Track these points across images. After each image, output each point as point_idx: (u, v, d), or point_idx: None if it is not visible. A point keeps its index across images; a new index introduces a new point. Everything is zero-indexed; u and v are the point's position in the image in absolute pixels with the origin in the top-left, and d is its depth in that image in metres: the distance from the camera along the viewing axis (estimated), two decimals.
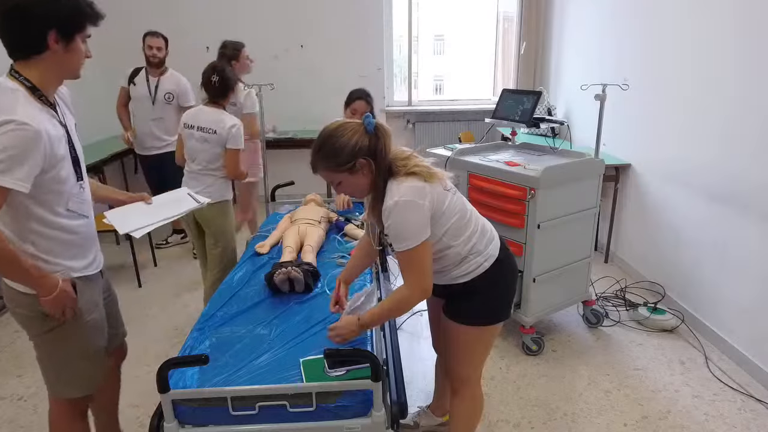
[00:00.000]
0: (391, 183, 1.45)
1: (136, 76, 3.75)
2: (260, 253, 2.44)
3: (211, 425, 1.45)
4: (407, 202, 1.41)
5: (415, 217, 1.42)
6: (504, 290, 1.70)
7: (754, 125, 2.44)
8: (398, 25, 5.49)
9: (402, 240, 1.43)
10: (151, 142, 3.89)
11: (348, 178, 1.49)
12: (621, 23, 3.72)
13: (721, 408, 2.30)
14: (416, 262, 1.46)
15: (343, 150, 1.44)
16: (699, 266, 2.88)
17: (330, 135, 1.47)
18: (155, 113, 3.78)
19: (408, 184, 1.43)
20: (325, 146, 1.47)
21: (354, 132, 1.45)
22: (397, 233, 1.43)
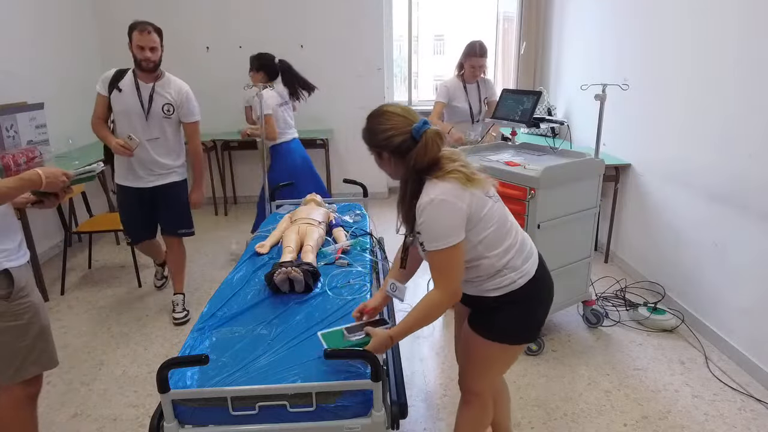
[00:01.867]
0: (428, 182, 1.43)
1: (120, 80, 2.76)
2: (260, 253, 2.44)
3: (211, 425, 1.45)
4: (443, 201, 1.38)
5: (450, 217, 1.39)
6: (534, 311, 1.62)
7: (754, 125, 2.44)
8: (398, 25, 5.49)
9: (434, 240, 1.40)
10: (146, 171, 2.88)
11: (377, 159, 1.52)
12: (621, 23, 3.72)
13: (721, 408, 2.30)
14: (448, 264, 1.42)
15: (375, 135, 1.47)
16: (699, 266, 2.88)
17: (378, 115, 1.49)
18: (150, 131, 2.81)
19: (446, 185, 1.40)
20: (369, 122, 1.51)
21: (394, 128, 1.44)
22: (429, 232, 1.40)
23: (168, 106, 2.82)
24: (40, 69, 4.10)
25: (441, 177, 1.42)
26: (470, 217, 1.43)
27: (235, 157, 5.53)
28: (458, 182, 1.42)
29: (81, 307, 3.35)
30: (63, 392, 2.47)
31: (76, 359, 2.75)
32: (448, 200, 1.39)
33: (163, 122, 2.83)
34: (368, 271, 2.25)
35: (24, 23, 3.96)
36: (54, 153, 3.95)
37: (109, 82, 2.76)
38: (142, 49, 2.68)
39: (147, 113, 2.78)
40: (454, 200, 1.39)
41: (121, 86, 2.76)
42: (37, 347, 1.73)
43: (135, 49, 2.69)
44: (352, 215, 2.91)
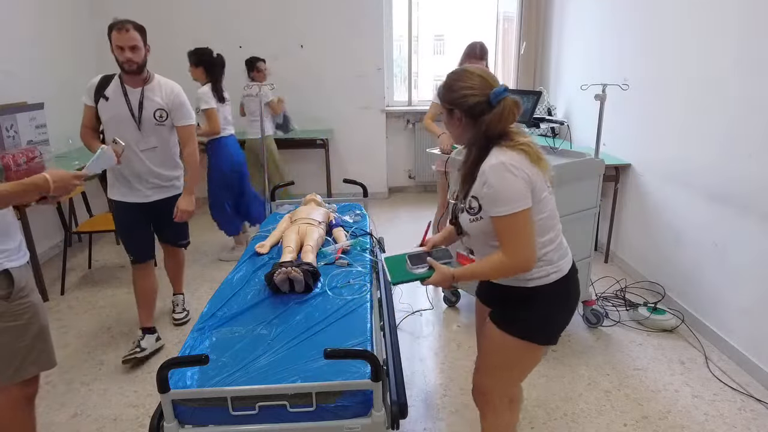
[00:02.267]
0: (497, 148, 1.42)
1: (105, 87, 2.52)
2: (260, 253, 2.44)
3: (211, 425, 1.45)
4: (512, 165, 1.37)
5: (516, 181, 1.37)
6: (560, 310, 1.58)
7: (754, 125, 2.44)
8: (398, 25, 5.49)
9: (501, 203, 1.37)
10: (144, 184, 2.62)
11: (446, 117, 1.52)
12: (621, 23, 3.72)
13: (721, 408, 2.30)
14: (517, 229, 1.39)
15: (451, 91, 1.46)
16: (699, 266, 2.88)
17: (458, 72, 1.48)
18: (145, 141, 2.56)
19: (514, 154, 1.39)
20: (448, 78, 1.50)
21: (472, 88, 1.43)
22: (495, 196, 1.37)
23: (160, 111, 2.55)
24: (40, 69, 4.10)
25: (510, 147, 1.42)
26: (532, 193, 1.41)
27: None
28: (527, 157, 1.41)
29: (81, 307, 3.35)
30: (63, 392, 2.47)
31: (76, 359, 2.75)
32: (516, 166, 1.37)
33: (158, 129, 2.57)
34: (368, 271, 2.25)
35: (24, 23, 3.96)
36: (54, 153, 3.95)
37: (94, 90, 2.50)
38: (122, 49, 2.40)
39: (139, 121, 2.52)
40: (522, 168, 1.38)
41: (108, 94, 2.49)
42: (37, 347, 1.73)
43: (115, 51, 2.43)
44: (352, 215, 2.91)
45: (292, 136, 5.12)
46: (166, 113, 2.58)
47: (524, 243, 1.40)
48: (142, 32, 2.48)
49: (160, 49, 5.09)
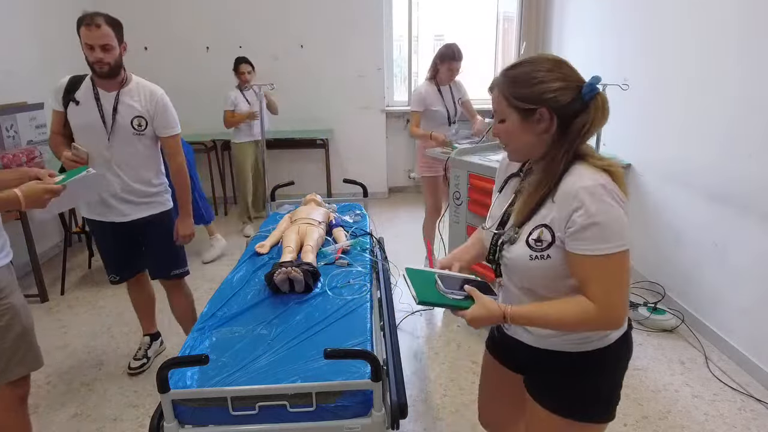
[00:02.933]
0: (579, 166, 1.10)
1: (75, 90, 2.18)
2: (260, 253, 2.44)
3: (211, 425, 1.45)
4: (613, 190, 1.06)
5: (621, 212, 1.06)
6: (622, 376, 1.27)
7: (754, 125, 2.44)
8: (398, 25, 5.49)
9: (603, 239, 1.04)
10: (118, 200, 2.28)
11: (514, 122, 1.13)
12: (621, 23, 3.72)
13: (721, 408, 2.30)
14: (619, 273, 1.07)
15: (534, 84, 1.09)
16: (699, 266, 2.88)
17: (537, 61, 1.13)
18: (117, 152, 2.22)
19: (604, 175, 1.08)
20: (522, 67, 1.13)
21: (564, 79, 1.10)
22: (597, 229, 1.04)
23: (138, 119, 2.20)
24: (40, 69, 4.10)
25: (595, 165, 1.10)
26: None
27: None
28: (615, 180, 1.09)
29: (81, 307, 3.35)
30: (63, 392, 2.47)
31: (76, 359, 2.75)
32: (617, 192, 1.07)
33: (134, 140, 2.23)
34: (368, 271, 2.25)
35: (24, 23, 3.96)
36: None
37: (63, 93, 2.18)
38: (92, 48, 2.05)
39: (110, 130, 2.17)
40: (621, 194, 1.08)
41: (78, 97, 2.17)
42: (21, 348, 1.71)
43: (85, 49, 2.08)
44: (352, 215, 2.91)
45: (292, 136, 5.13)
46: (146, 121, 2.22)
47: (623, 292, 1.09)
48: (117, 28, 2.11)
49: (160, 50, 5.11)
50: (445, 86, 3.35)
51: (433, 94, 3.32)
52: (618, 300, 1.08)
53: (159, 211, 2.38)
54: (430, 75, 3.36)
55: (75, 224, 4.21)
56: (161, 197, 2.41)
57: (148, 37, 5.03)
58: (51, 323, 3.14)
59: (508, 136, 1.17)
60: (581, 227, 1.05)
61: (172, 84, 4.30)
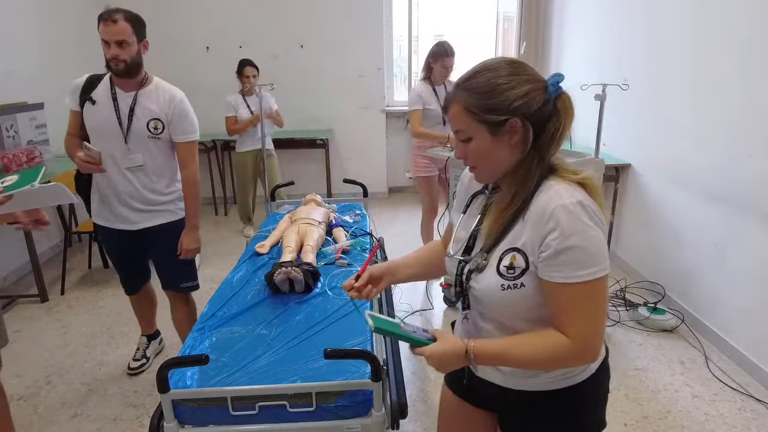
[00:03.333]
0: (551, 181, 0.98)
1: (93, 89, 2.10)
2: (260, 253, 2.44)
3: (211, 425, 1.45)
4: (591, 208, 0.93)
5: (600, 233, 0.93)
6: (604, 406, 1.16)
7: (754, 125, 2.44)
8: (398, 25, 5.49)
9: (582, 264, 0.92)
10: (128, 208, 2.20)
11: (483, 138, 0.98)
12: (621, 23, 3.72)
13: (721, 408, 2.30)
14: (596, 301, 0.95)
15: (501, 92, 0.95)
16: (699, 266, 2.88)
17: (495, 66, 0.98)
18: (132, 156, 2.12)
19: (581, 192, 0.96)
20: (481, 75, 0.98)
21: (530, 81, 0.97)
22: (574, 252, 0.91)
23: (155, 122, 2.10)
24: (40, 69, 4.10)
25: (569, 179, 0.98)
26: None
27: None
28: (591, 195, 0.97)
29: (81, 307, 3.35)
30: (63, 392, 2.47)
31: (76, 359, 2.75)
32: (595, 210, 0.94)
33: (150, 144, 2.12)
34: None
35: (24, 23, 3.96)
36: (54, 153, 3.95)
37: (79, 92, 2.09)
38: (108, 44, 1.97)
39: (126, 132, 2.08)
40: (599, 212, 0.95)
41: (95, 97, 2.07)
42: None
43: (102, 46, 1.99)
44: (352, 215, 2.91)
45: (292, 136, 5.13)
46: (162, 124, 2.12)
47: (600, 322, 0.97)
48: (136, 24, 2.02)
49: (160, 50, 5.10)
50: (439, 85, 3.36)
51: (428, 94, 3.32)
52: (594, 332, 0.97)
53: (168, 221, 2.27)
54: (424, 75, 3.37)
55: (75, 224, 4.21)
56: (172, 206, 2.28)
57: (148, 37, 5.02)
58: (51, 323, 3.14)
59: (477, 157, 1.01)
60: (555, 252, 0.92)
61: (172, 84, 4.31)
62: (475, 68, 1.00)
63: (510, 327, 1.05)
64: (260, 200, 4.90)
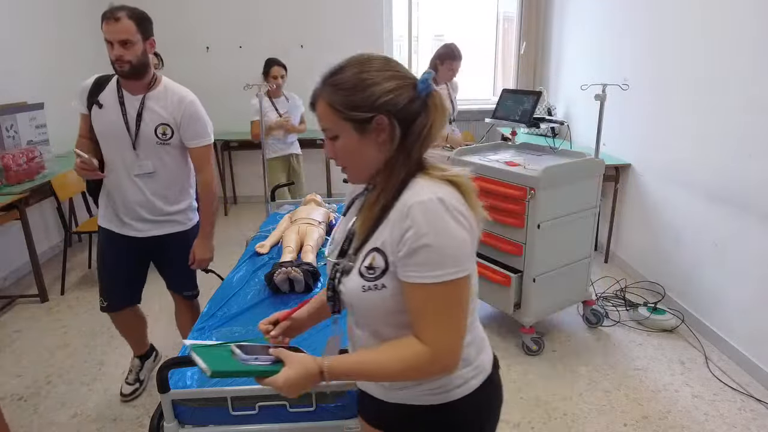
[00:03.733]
0: (418, 178, 0.94)
1: (101, 91, 1.97)
2: (260, 253, 2.44)
3: (211, 425, 1.45)
4: (453, 205, 0.89)
5: (462, 232, 0.89)
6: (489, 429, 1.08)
7: (754, 125, 2.44)
8: (398, 25, 5.49)
9: (437, 264, 0.87)
10: (134, 217, 2.07)
11: (350, 137, 0.95)
12: (621, 23, 3.72)
13: (721, 408, 2.30)
14: (453, 304, 0.90)
15: (366, 87, 0.92)
16: (699, 266, 2.88)
17: (363, 61, 0.96)
18: (140, 163, 2.00)
19: (448, 188, 0.92)
20: (347, 70, 0.96)
21: (397, 77, 0.94)
22: (429, 251, 0.87)
23: (163, 127, 1.97)
24: (40, 69, 4.10)
25: (438, 177, 0.94)
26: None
27: (235, 157, 5.53)
28: (463, 195, 0.94)
29: (81, 307, 3.35)
30: (63, 392, 2.47)
31: (76, 359, 2.75)
32: (458, 208, 0.90)
33: (159, 150, 1.99)
34: None
35: (24, 23, 3.95)
36: (54, 153, 3.95)
37: (87, 94, 1.97)
38: (112, 44, 1.83)
39: (135, 138, 1.95)
40: (464, 210, 0.91)
41: (102, 100, 1.95)
42: None
43: (107, 47, 1.86)
44: None
45: None
46: (172, 130, 1.98)
47: (457, 327, 0.91)
48: (142, 22, 1.87)
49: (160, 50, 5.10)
50: (441, 86, 3.39)
51: None
52: (450, 338, 0.90)
53: (177, 231, 2.14)
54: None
55: (75, 224, 4.21)
56: (182, 216, 2.15)
57: None
58: (51, 323, 3.14)
59: (346, 156, 0.97)
60: (410, 250, 0.87)
61: None
62: (341, 63, 0.98)
63: (383, 335, 0.98)
64: (260, 200, 4.90)
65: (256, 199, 4.83)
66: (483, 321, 3.25)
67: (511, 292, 2.59)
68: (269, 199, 3.28)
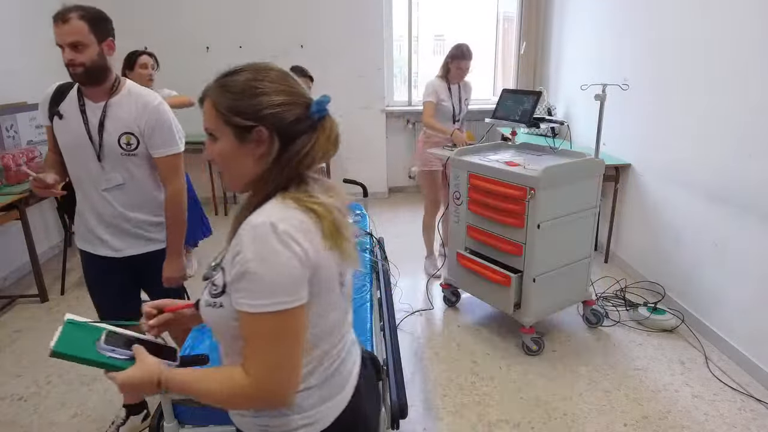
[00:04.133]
0: (275, 200, 0.90)
1: (62, 100, 1.79)
2: None
3: (211, 425, 1.45)
4: (287, 231, 0.84)
5: (291, 261, 0.84)
6: None
7: (754, 125, 2.44)
8: (398, 25, 5.49)
9: (257, 293, 0.83)
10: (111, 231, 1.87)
11: (229, 142, 0.91)
12: (621, 23, 3.72)
13: (721, 408, 2.30)
14: (276, 338, 0.85)
15: (254, 96, 0.90)
16: (699, 266, 2.88)
17: (260, 69, 0.93)
18: (107, 176, 1.80)
19: (297, 213, 0.87)
20: (240, 75, 0.92)
21: (290, 93, 0.92)
22: (251, 278, 0.83)
23: (127, 136, 1.76)
24: (40, 69, 4.10)
25: (297, 200, 0.89)
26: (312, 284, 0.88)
27: None
28: (319, 224, 0.89)
29: (81, 307, 3.35)
30: (63, 392, 2.47)
31: None
32: (293, 234, 0.84)
33: (126, 161, 1.79)
34: (368, 271, 2.25)
35: (24, 23, 3.95)
36: None
37: (48, 104, 1.79)
38: (62, 48, 1.71)
39: (99, 149, 1.75)
40: (302, 240, 0.85)
41: (62, 110, 1.77)
42: None
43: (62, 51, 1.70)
44: (351, 215, 2.91)
45: None
46: (136, 139, 1.77)
47: (278, 364, 0.85)
48: (95, 22, 1.70)
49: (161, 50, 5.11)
50: (454, 85, 3.45)
51: (443, 90, 3.42)
52: (270, 373, 0.85)
53: (156, 249, 1.93)
54: (441, 73, 3.46)
55: None
56: (162, 233, 1.94)
57: (148, 38, 5.03)
58: (51, 323, 3.14)
59: (222, 161, 0.94)
60: (238, 274, 0.83)
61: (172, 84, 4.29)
62: (239, 66, 0.94)
63: (231, 357, 0.94)
64: None
65: None
66: (483, 321, 3.27)
67: (511, 292, 2.59)
68: None
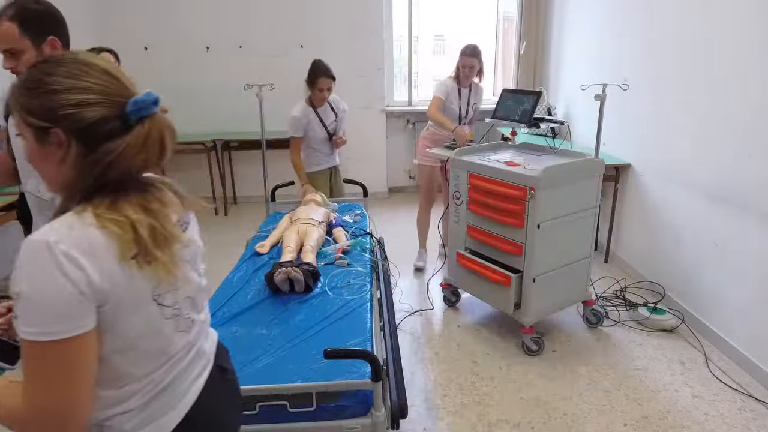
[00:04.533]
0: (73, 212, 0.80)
1: None
2: (260, 253, 2.44)
3: None
4: (65, 252, 0.75)
5: (65, 284, 0.75)
6: None
7: (754, 125, 2.44)
8: (398, 25, 5.49)
9: (27, 319, 0.75)
10: None
11: (31, 143, 0.83)
12: (621, 23, 3.72)
13: (721, 408, 2.30)
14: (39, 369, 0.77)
15: (44, 93, 0.80)
16: (699, 266, 2.88)
17: (62, 62, 0.82)
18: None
19: (92, 231, 0.78)
20: (39, 68, 0.82)
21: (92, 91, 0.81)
22: (23, 302, 0.75)
23: None
24: None
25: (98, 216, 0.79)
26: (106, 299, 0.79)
27: (235, 157, 5.53)
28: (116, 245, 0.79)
29: None
30: None
31: None
32: (73, 256, 0.75)
33: None
34: (368, 271, 2.25)
35: None
36: None
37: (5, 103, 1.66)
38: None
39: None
40: (83, 261, 0.76)
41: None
42: None
43: None
44: (352, 215, 2.91)
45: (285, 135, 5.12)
46: None
47: (43, 398, 0.77)
48: (30, 23, 1.48)
49: (160, 50, 5.12)
50: (465, 88, 3.49)
51: (453, 91, 3.46)
52: (32, 406, 0.77)
53: None
54: (454, 74, 3.50)
55: None
56: None
57: (148, 37, 5.03)
58: None
59: (32, 163, 0.85)
60: (14, 294, 0.75)
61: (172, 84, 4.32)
62: (47, 57, 0.84)
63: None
64: (260, 200, 4.90)
65: (256, 199, 4.83)
66: (483, 321, 3.28)
67: (511, 292, 2.59)
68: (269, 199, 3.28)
